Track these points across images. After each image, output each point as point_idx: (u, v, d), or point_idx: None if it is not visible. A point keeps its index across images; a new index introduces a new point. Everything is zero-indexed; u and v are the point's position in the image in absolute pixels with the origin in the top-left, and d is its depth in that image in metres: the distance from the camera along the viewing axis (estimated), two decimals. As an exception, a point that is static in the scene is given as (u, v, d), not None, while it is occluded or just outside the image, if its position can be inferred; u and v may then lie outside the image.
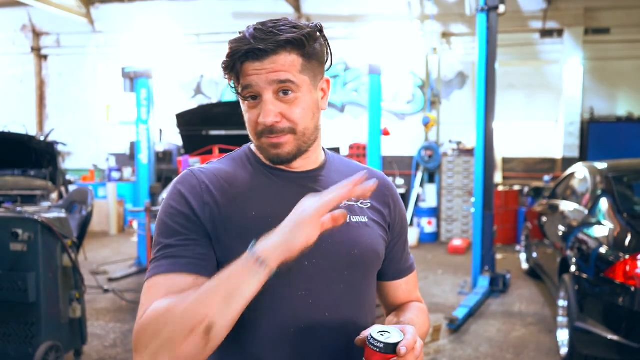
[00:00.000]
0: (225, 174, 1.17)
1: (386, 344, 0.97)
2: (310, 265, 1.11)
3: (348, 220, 1.16)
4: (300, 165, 1.19)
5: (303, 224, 0.96)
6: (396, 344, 0.97)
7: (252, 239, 1.01)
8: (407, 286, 1.35)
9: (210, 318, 0.93)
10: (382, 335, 0.99)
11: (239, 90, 1.11)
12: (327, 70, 1.20)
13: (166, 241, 1.08)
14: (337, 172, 1.25)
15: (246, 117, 1.14)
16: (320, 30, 1.15)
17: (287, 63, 1.08)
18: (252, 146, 1.24)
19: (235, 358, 1.12)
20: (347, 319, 1.15)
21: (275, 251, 0.94)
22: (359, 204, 1.22)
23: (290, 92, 1.09)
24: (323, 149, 1.28)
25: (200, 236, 1.08)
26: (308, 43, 1.10)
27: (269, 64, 1.07)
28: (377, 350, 0.97)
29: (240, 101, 1.15)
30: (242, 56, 1.08)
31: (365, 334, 1.02)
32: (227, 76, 1.13)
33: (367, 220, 1.21)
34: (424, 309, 1.34)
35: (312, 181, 1.20)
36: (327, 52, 1.18)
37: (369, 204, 1.24)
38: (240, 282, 0.94)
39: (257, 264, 0.94)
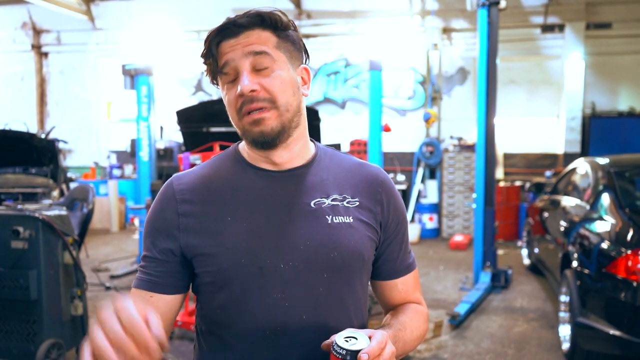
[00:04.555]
0: (205, 178, 1.17)
1: (348, 351, 0.93)
2: (287, 268, 1.09)
3: (329, 222, 1.13)
4: (286, 159, 1.16)
5: None
6: (358, 351, 0.92)
7: (225, 244, 1.07)
8: (404, 286, 1.28)
9: None
10: (347, 341, 0.95)
11: (218, 73, 1.11)
12: (305, 63, 1.18)
13: (145, 252, 1.18)
14: (326, 169, 1.20)
15: (226, 100, 1.12)
16: (293, 24, 1.15)
17: (262, 37, 1.09)
18: (240, 146, 1.23)
19: (215, 358, 1.15)
20: (327, 323, 1.11)
21: None
22: (344, 202, 1.16)
23: (266, 67, 1.08)
24: (314, 142, 1.24)
25: (166, 254, 1.14)
26: (280, 24, 1.11)
27: (243, 39, 1.08)
28: (339, 357, 0.93)
29: (220, 88, 1.14)
30: (217, 35, 1.09)
31: (332, 338, 0.98)
32: (206, 68, 1.14)
33: (351, 220, 1.15)
34: (422, 311, 1.28)
35: (296, 181, 1.16)
36: (302, 44, 1.17)
37: (357, 203, 1.18)
38: None
39: None
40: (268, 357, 1.10)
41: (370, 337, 0.96)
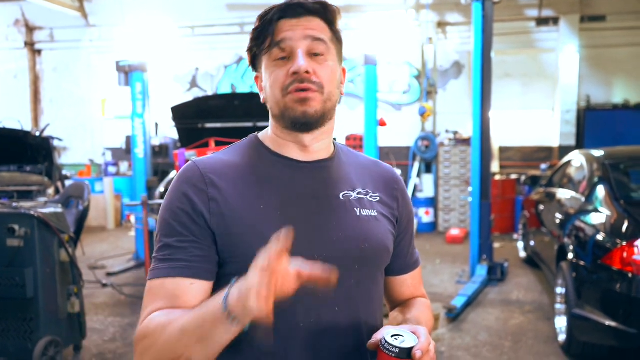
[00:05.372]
0: (232, 165, 1.13)
1: (401, 349, 0.95)
2: (321, 260, 1.06)
3: (358, 214, 1.15)
4: (317, 149, 1.16)
5: (256, 295, 0.86)
6: (411, 349, 0.95)
7: (260, 232, 1.01)
8: (413, 281, 1.32)
9: (188, 356, 0.94)
10: (395, 339, 0.97)
11: (272, 47, 1.09)
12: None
13: (166, 240, 1.06)
14: (346, 164, 1.22)
15: (271, 78, 1.10)
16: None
17: (321, 27, 1.10)
18: (260, 135, 1.21)
19: (245, 355, 1.08)
20: (358, 315, 1.12)
21: (247, 311, 0.87)
22: (368, 197, 1.19)
23: (322, 53, 1.09)
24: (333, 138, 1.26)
25: (200, 237, 1.05)
26: (336, 21, 1.14)
27: (305, 22, 1.09)
28: (393, 355, 0.95)
29: (265, 64, 1.12)
30: (280, 11, 1.08)
31: (377, 337, 1.00)
32: (254, 43, 1.12)
33: (376, 214, 1.18)
34: (429, 305, 1.32)
35: (323, 173, 1.16)
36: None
37: (378, 198, 1.21)
38: (212, 331, 0.92)
39: (229, 320, 0.90)
40: (302, 351, 1.07)
41: (413, 333, 1.00)
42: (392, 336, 0.98)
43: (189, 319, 0.95)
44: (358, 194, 1.17)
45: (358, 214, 1.14)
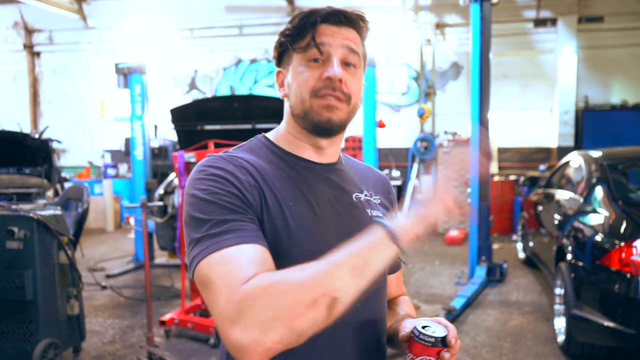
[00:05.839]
0: (254, 161, 1.12)
1: (437, 338, 1.01)
2: None
3: (370, 214, 1.20)
4: (330, 153, 1.20)
5: (430, 205, 1.00)
6: (445, 337, 1.01)
7: (293, 228, 1.04)
8: (397, 281, 1.38)
9: (335, 292, 0.87)
10: (427, 329, 1.03)
11: (310, 47, 1.09)
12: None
13: (220, 217, 0.98)
14: (350, 168, 1.27)
15: (301, 78, 1.11)
16: None
17: (357, 39, 1.13)
18: (269, 135, 1.22)
19: None
20: (373, 311, 1.17)
21: (408, 231, 0.96)
22: (373, 199, 1.24)
23: (354, 64, 1.12)
24: None
25: (253, 216, 1.01)
26: (367, 36, 1.16)
27: (345, 32, 1.11)
28: (429, 344, 1.01)
29: (296, 61, 1.12)
30: (324, 15, 1.10)
31: (406, 329, 1.06)
32: (289, 38, 1.12)
33: (381, 215, 1.23)
34: (411, 302, 1.39)
35: (334, 174, 1.20)
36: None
37: (379, 200, 1.26)
38: (372, 255, 0.92)
39: (392, 241, 0.94)
40: (327, 346, 1.10)
41: (439, 323, 1.06)
42: (424, 327, 1.04)
43: (336, 255, 0.91)
44: (365, 196, 1.23)
45: (370, 214, 1.20)
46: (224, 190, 1.01)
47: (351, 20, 1.11)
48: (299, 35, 1.11)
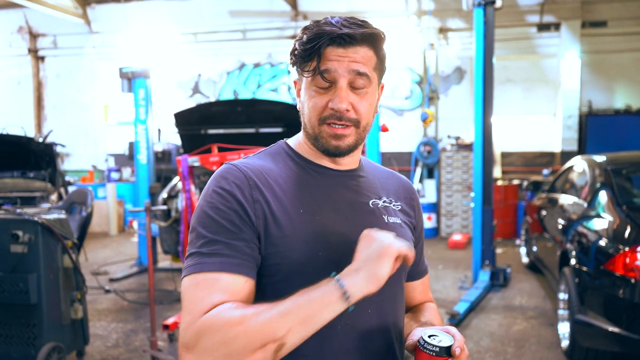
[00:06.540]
0: (269, 170, 1.15)
1: (441, 348, 1.01)
2: None
3: (386, 220, 1.20)
4: (347, 162, 1.21)
5: (385, 257, 0.98)
6: (450, 347, 1.01)
7: (300, 236, 1.05)
8: (423, 287, 1.39)
9: (283, 338, 0.94)
10: (433, 339, 1.03)
11: (312, 73, 1.10)
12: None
13: (213, 236, 1.04)
14: (371, 174, 1.28)
15: (310, 102, 1.13)
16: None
17: (367, 57, 1.11)
18: (290, 142, 1.24)
19: (283, 357, 1.08)
20: (386, 317, 1.17)
21: (362, 288, 0.97)
22: (392, 205, 1.25)
23: (363, 87, 1.11)
24: None
25: (248, 237, 1.06)
26: (383, 45, 1.15)
27: (352, 53, 1.09)
28: (434, 354, 1.01)
29: (305, 84, 1.13)
30: (328, 40, 1.08)
31: (413, 338, 1.07)
32: (297, 59, 1.13)
33: (400, 221, 1.24)
34: (437, 309, 1.39)
35: (353, 180, 1.22)
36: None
37: (400, 206, 1.27)
38: (321, 309, 0.96)
39: (343, 298, 0.96)
40: (340, 352, 1.10)
41: (446, 332, 1.05)
42: (429, 336, 1.03)
43: (290, 302, 0.96)
44: (384, 202, 1.24)
45: (386, 220, 1.20)
46: (225, 206, 1.07)
47: (357, 39, 1.09)
48: (306, 59, 1.11)
